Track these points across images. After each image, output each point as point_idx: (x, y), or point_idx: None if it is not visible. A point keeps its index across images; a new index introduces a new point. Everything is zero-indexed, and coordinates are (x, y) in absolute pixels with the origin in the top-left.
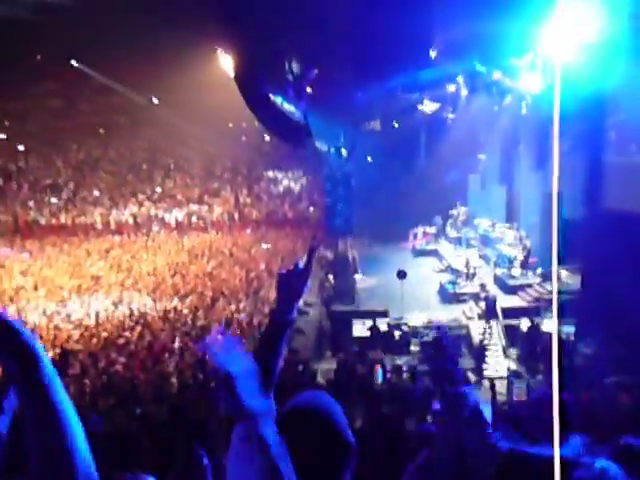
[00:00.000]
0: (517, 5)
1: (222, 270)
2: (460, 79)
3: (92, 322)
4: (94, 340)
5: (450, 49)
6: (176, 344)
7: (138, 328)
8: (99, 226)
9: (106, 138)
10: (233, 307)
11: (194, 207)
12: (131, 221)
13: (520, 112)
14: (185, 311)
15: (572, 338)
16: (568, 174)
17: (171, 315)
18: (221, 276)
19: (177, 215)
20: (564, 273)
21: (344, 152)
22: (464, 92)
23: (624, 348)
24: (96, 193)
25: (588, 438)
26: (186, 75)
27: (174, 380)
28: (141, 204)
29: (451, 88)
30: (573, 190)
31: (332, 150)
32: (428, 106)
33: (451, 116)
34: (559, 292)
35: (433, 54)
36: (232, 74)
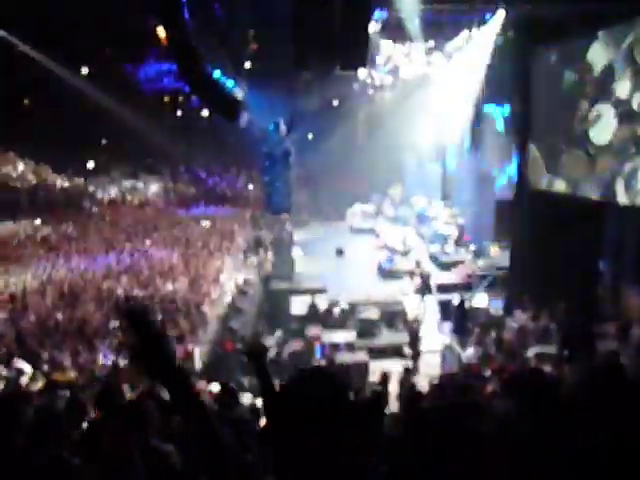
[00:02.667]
0: None
1: (158, 248)
2: (400, 59)
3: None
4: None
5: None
6: (111, 325)
7: (68, 310)
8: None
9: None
10: (169, 286)
11: (127, 183)
12: (61, 197)
13: (455, 91)
14: (119, 290)
15: (501, 312)
16: (499, 155)
17: (104, 295)
18: (157, 254)
19: (110, 191)
20: (494, 250)
21: (283, 129)
22: (401, 71)
23: (548, 320)
24: (20, 167)
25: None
26: (118, 47)
27: (108, 362)
28: (71, 179)
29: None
30: (504, 170)
31: (271, 127)
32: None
33: (389, 96)
34: (489, 268)
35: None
36: (166, 44)
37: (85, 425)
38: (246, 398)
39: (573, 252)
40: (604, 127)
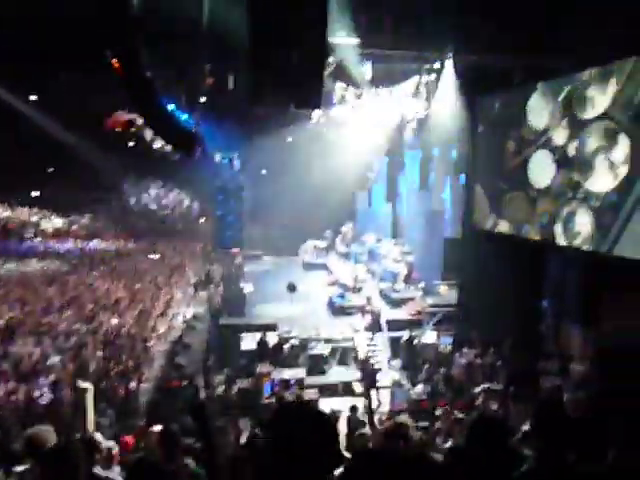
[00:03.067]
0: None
1: (105, 281)
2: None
3: None
4: None
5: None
6: (50, 361)
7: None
8: None
9: None
10: (115, 320)
11: (75, 215)
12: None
13: (404, 135)
14: (61, 326)
15: (449, 349)
16: (448, 195)
17: (44, 329)
18: (103, 287)
19: (56, 222)
20: (443, 288)
21: (237, 164)
22: (355, 112)
23: (495, 357)
24: None
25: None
26: (67, 76)
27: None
28: (14, 208)
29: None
30: (453, 210)
31: (225, 161)
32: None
33: (342, 135)
34: (438, 306)
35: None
36: (120, 77)
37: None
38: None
39: (518, 291)
40: (543, 172)
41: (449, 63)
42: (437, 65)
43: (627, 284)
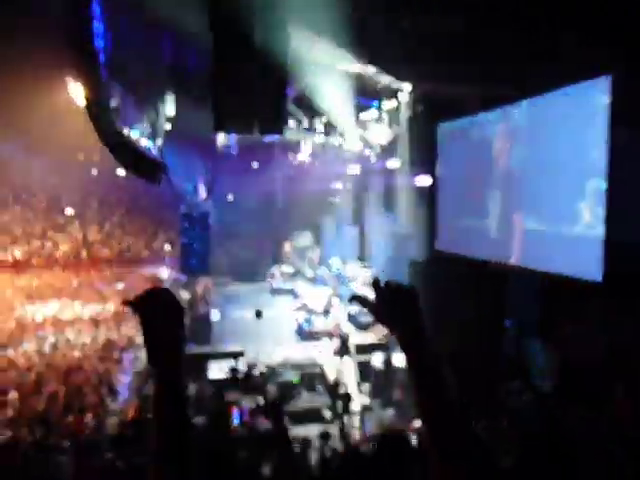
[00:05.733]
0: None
1: (66, 313)
2: (315, 125)
3: None
4: None
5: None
6: (10, 395)
7: None
8: None
9: None
10: (77, 353)
11: (36, 243)
12: None
13: (370, 159)
14: (20, 360)
15: None
16: (412, 218)
17: (3, 364)
18: (65, 319)
19: (15, 252)
20: None
21: (202, 190)
22: (319, 138)
23: (463, 378)
24: None
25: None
26: (28, 101)
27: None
28: None
29: (307, 134)
30: (418, 233)
31: (190, 188)
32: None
33: (307, 160)
34: None
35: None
36: (83, 104)
37: None
38: None
39: (482, 311)
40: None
41: (409, 90)
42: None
43: (583, 297)
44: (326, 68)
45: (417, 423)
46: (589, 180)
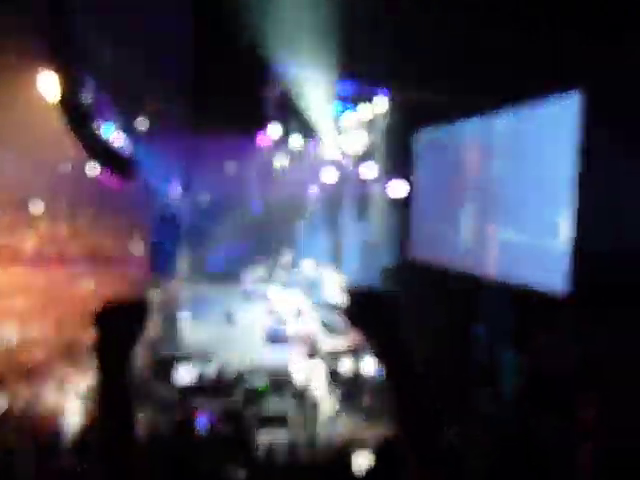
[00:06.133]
0: None
1: (32, 312)
2: (293, 128)
3: None
4: None
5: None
6: None
7: None
8: None
9: None
10: (39, 355)
11: (1, 238)
12: None
13: (344, 167)
14: None
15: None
16: (385, 226)
17: None
18: (29, 317)
19: None
20: None
21: (176, 190)
22: (297, 143)
23: (434, 383)
24: None
25: None
26: None
27: None
28: None
29: (285, 137)
30: (389, 241)
31: (164, 187)
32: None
33: (284, 164)
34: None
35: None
36: (54, 100)
37: None
38: None
39: (453, 318)
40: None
41: (385, 98)
42: (375, 100)
43: (555, 307)
44: (306, 71)
45: (387, 429)
46: (560, 191)
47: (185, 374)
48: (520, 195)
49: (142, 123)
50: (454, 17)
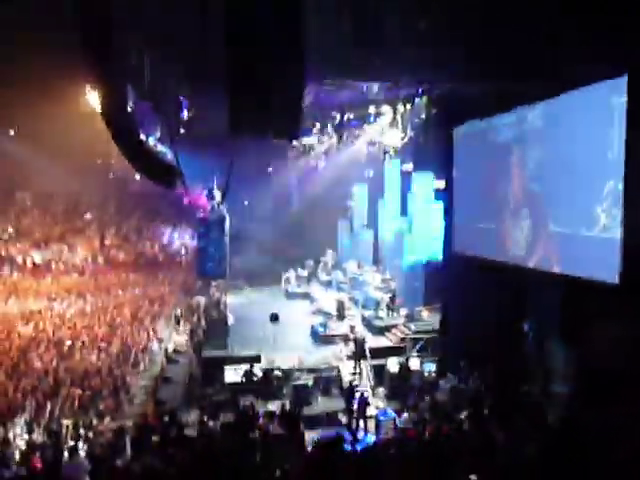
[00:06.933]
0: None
1: (83, 317)
2: (329, 129)
3: None
4: None
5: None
6: (28, 404)
7: None
8: None
9: None
10: (93, 357)
11: (54, 247)
12: None
13: (384, 163)
14: (37, 364)
15: (433, 375)
16: (429, 221)
17: (21, 367)
18: (82, 323)
19: (34, 256)
20: (426, 313)
21: (218, 195)
22: (333, 141)
23: (479, 382)
24: None
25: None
26: (48, 107)
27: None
28: None
29: (322, 137)
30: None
31: (205, 192)
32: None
33: (322, 164)
34: (421, 332)
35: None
36: (99, 109)
37: None
38: None
39: (500, 313)
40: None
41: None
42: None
43: (606, 304)
44: (342, 69)
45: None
46: (607, 182)
47: (233, 375)
48: (565, 186)
49: (182, 129)
50: (493, 5)
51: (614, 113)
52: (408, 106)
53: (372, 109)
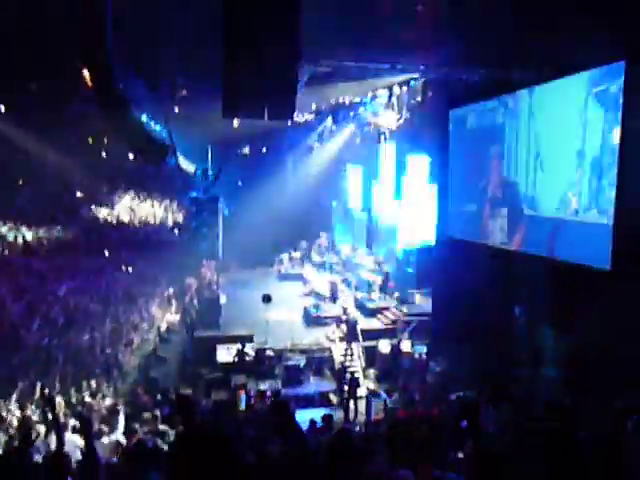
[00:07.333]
0: None
1: (75, 294)
2: (324, 109)
3: None
4: None
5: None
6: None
7: None
8: None
9: None
10: (86, 336)
11: (46, 227)
12: None
13: (379, 145)
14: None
15: (424, 357)
16: (422, 204)
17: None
18: (74, 301)
19: (25, 234)
20: (418, 296)
21: (211, 174)
22: (329, 123)
23: (469, 365)
24: None
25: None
26: (38, 84)
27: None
28: None
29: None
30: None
31: (199, 172)
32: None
33: (317, 145)
34: (413, 315)
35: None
36: (91, 85)
37: None
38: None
39: (491, 297)
40: None
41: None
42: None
43: (598, 287)
44: (338, 51)
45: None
46: (601, 166)
47: (225, 354)
48: (559, 170)
49: (176, 109)
50: None
51: (610, 99)
52: (404, 88)
53: (368, 90)
